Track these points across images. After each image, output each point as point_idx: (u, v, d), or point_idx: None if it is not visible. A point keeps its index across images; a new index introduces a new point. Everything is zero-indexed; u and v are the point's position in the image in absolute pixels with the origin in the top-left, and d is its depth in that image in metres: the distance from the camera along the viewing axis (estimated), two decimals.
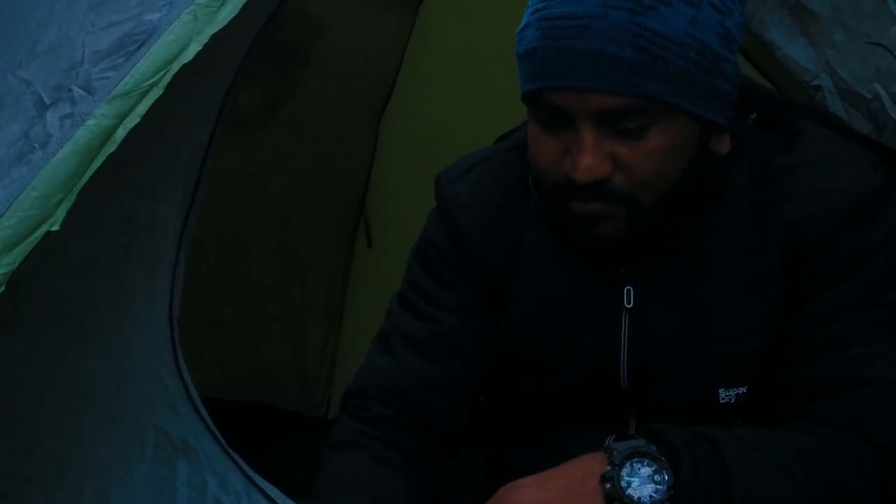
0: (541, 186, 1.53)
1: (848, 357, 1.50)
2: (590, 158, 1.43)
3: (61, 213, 1.39)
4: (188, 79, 1.47)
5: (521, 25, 1.48)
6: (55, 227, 1.40)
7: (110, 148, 1.41)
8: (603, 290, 1.60)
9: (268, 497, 1.70)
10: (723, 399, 1.56)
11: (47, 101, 1.45)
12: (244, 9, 1.48)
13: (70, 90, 1.44)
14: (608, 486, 1.40)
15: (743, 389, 1.56)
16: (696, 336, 1.57)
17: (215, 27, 1.44)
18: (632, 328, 1.59)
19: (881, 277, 1.52)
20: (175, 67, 1.42)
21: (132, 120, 1.41)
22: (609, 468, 1.42)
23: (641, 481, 1.40)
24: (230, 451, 1.76)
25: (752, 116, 1.61)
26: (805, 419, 1.50)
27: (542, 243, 1.64)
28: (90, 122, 1.41)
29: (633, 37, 1.39)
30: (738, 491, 1.41)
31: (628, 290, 1.58)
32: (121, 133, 1.41)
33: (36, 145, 1.41)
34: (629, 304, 1.58)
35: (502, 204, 1.66)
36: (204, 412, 1.79)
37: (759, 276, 1.55)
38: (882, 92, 1.70)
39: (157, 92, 1.42)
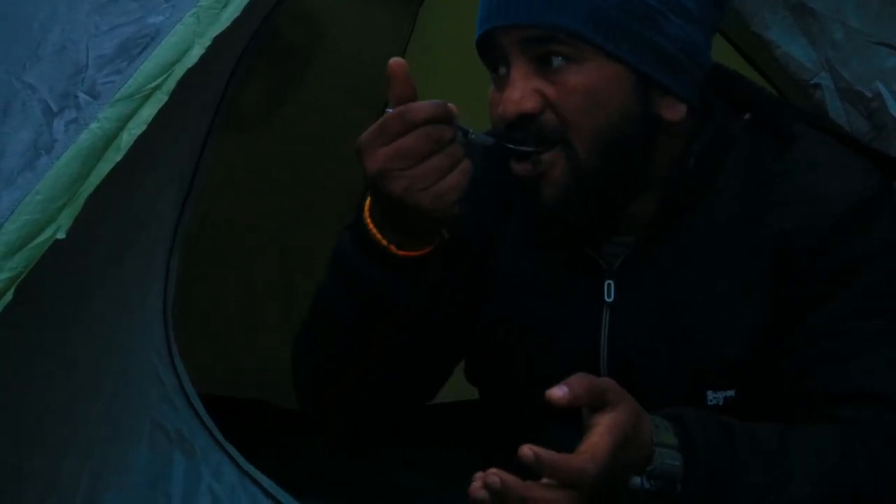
0: (492, 135, 1.56)
1: (853, 369, 1.50)
2: (515, 91, 1.49)
3: (65, 220, 1.39)
4: (186, 73, 1.47)
5: None
6: (60, 235, 1.40)
7: (116, 155, 1.41)
8: (583, 282, 1.61)
9: (262, 488, 1.71)
10: (710, 401, 1.56)
11: (55, 109, 1.46)
12: (245, 8, 1.48)
13: (76, 96, 1.44)
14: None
15: (731, 393, 1.56)
16: (679, 338, 1.56)
17: (218, 29, 1.44)
18: (612, 324, 1.60)
19: (878, 286, 1.52)
20: (178, 70, 1.43)
21: (138, 126, 1.41)
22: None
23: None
24: (224, 443, 1.77)
25: (746, 116, 1.61)
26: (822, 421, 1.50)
27: (523, 233, 1.66)
28: (93, 125, 1.41)
29: None
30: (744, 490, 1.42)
31: (609, 283, 1.59)
32: (126, 139, 1.41)
33: (42, 151, 1.42)
34: (609, 298, 1.59)
35: (481, 191, 1.67)
36: (199, 405, 1.79)
37: (746, 281, 1.55)
38: (885, 90, 1.70)
39: (161, 97, 1.42)
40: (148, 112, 1.44)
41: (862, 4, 1.70)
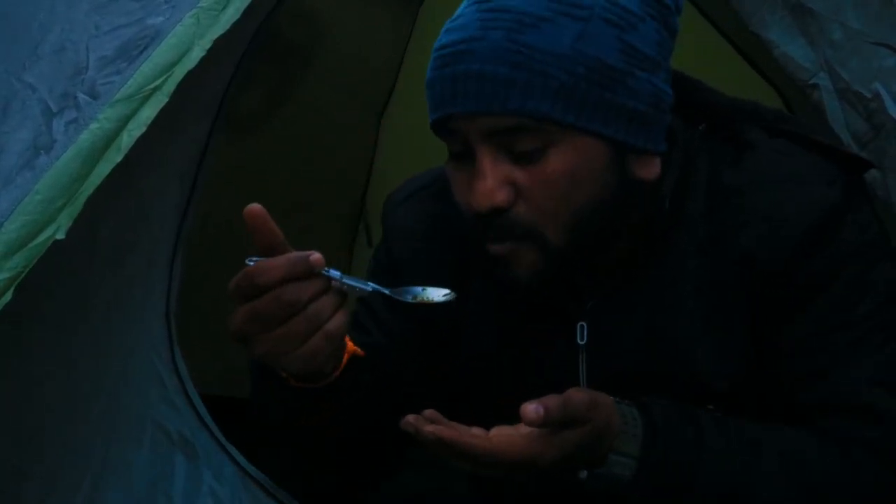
0: (465, 222, 1.47)
1: (832, 383, 1.47)
2: (485, 183, 1.38)
3: (65, 220, 1.39)
4: (187, 75, 1.48)
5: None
6: (60, 236, 1.40)
7: (116, 156, 1.41)
8: (555, 327, 1.55)
9: (264, 488, 1.71)
10: None
11: (54, 109, 1.46)
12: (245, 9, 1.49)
13: (76, 97, 1.44)
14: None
15: (710, 407, 1.50)
16: (658, 371, 1.51)
17: (218, 31, 1.44)
18: (589, 366, 1.54)
19: (850, 296, 1.48)
20: (178, 72, 1.43)
21: (138, 128, 1.41)
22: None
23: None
24: (226, 444, 1.77)
25: (701, 127, 1.55)
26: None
27: (489, 285, 1.58)
28: (93, 125, 1.41)
29: (511, 54, 1.36)
30: (703, 479, 1.40)
31: (581, 325, 1.53)
32: (126, 141, 1.41)
33: (41, 151, 1.42)
34: (582, 340, 1.53)
35: (442, 236, 1.61)
36: (200, 406, 1.79)
37: (721, 307, 1.50)
38: (883, 91, 1.70)
39: (162, 98, 1.42)
40: (148, 113, 1.44)
41: (861, 4, 1.70)
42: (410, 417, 1.31)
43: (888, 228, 1.71)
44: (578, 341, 1.54)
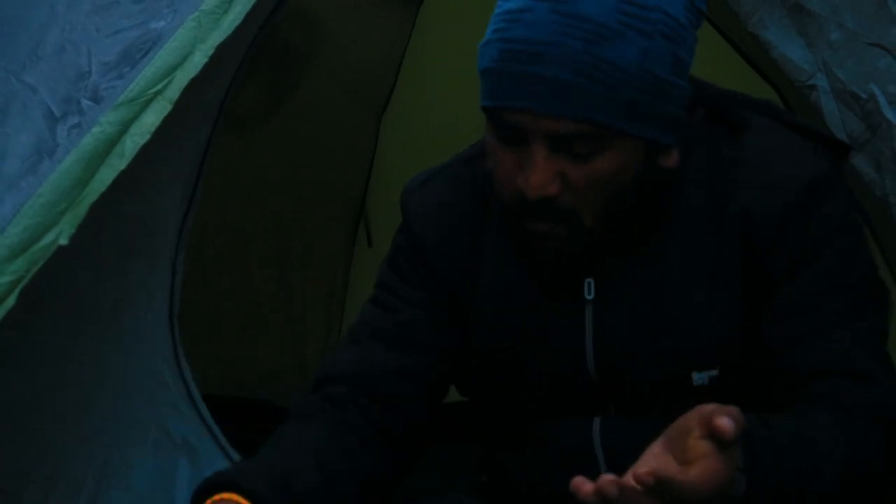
0: (501, 195, 1.57)
1: (822, 347, 1.54)
2: (540, 176, 1.48)
3: (67, 225, 1.40)
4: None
5: (483, 41, 1.53)
6: (63, 241, 1.41)
7: (120, 163, 1.41)
8: (563, 286, 1.63)
9: None
10: (696, 382, 1.59)
11: (58, 114, 1.46)
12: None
13: (79, 102, 1.45)
14: None
15: (714, 373, 1.59)
16: (662, 325, 1.60)
17: (220, 35, 1.45)
18: (595, 319, 1.62)
19: (840, 263, 1.56)
20: (181, 77, 1.43)
21: (142, 135, 1.41)
22: None
23: None
24: (229, 449, 1.77)
25: (700, 112, 1.64)
26: (804, 402, 1.53)
27: (501, 248, 1.67)
28: (95, 129, 1.42)
29: (588, 66, 1.44)
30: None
31: (589, 282, 1.62)
32: (130, 147, 1.41)
33: (45, 155, 1.42)
34: (590, 295, 1.62)
35: (456, 212, 1.70)
36: (204, 410, 1.80)
37: (720, 266, 1.58)
38: (878, 92, 1.71)
39: (165, 105, 1.42)
40: (152, 119, 1.44)
41: (857, 5, 1.70)
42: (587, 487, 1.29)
43: (886, 227, 1.73)
44: (586, 296, 1.61)
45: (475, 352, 1.70)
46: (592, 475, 1.32)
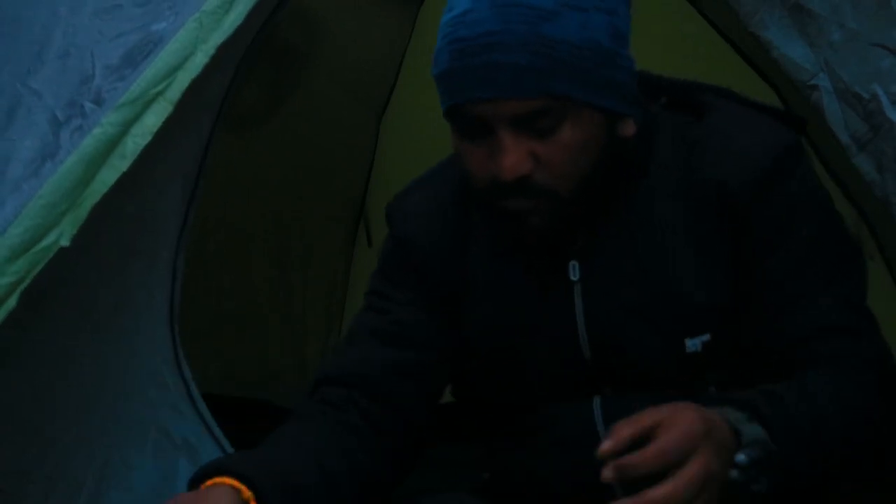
0: (475, 191, 1.63)
1: (811, 311, 1.59)
2: (511, 157, 1.55)
3: (68, 226, 1.40)
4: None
5: (435, 50, 1.60)
6: (64, 242, 1.41)
7: (122, 164, 1.41)
8: (549, 273, 1.68)
9: None
10: (689, 349, 1.63)
11: (61, 119, 1.46)
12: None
13: (82, 106, 1.45)
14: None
15: (707, 337, 1.63)
16: (650, 293, 1.64)
17: (221, 36, 1.45)
18: (585, 300, 1.66)
19: (818, 229, 1.61)
20: (182, 78, 1.43)
21: (143, 136, 1.42)
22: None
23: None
24: (229, 449, 1.77)
25: (662, 100, 1.71)
26: (800, 366, 1.57)
27: (487, 245, 1.72)
28: (96, 130, 1.42)
29: (536, 45, 1.52)
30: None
31: (573, 264, 1.66)
32: (132, 148, 1.41)
33: (48, 160, 1.42)
34: (575, 276, 1.66)
35: (440, 215, 1.75)
36: (205, 411, 1.79)
37: (703, 236, 1.63)
38: (881, 92, 1.71)
39: (166, 106, 1.42)
40: (154, 121, 1.45)
41: (859, 5, 1.70)
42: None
43: (887, 227, 1.73)
44: (571, 278, 1.66)
45: (474, 352, 1.73)
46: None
